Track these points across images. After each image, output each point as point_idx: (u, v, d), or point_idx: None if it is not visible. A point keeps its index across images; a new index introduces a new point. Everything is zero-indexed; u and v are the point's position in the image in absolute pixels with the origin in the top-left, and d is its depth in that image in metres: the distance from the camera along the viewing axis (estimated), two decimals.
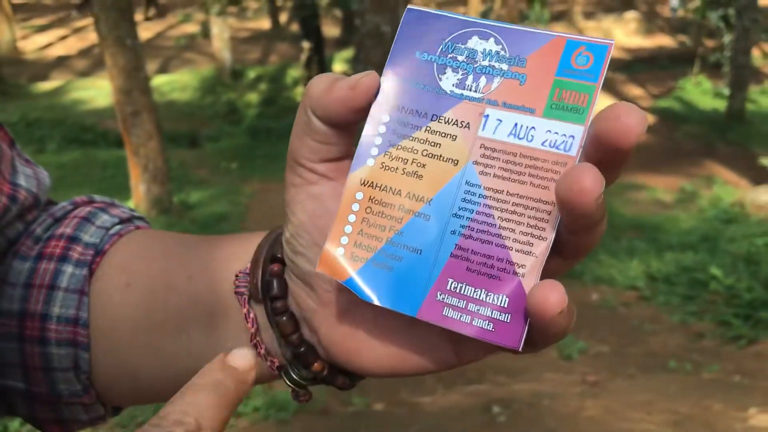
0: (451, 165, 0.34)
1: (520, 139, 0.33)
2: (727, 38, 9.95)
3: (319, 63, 10.19)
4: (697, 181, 6.79)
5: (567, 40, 0.33)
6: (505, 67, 0.34)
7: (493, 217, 0.33)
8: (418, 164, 0.34)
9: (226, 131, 8.89)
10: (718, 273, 4.06)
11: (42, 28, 15.67)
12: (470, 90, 0.34)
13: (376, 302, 0.34)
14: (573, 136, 0.32)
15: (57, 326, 0.47)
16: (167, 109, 9.29)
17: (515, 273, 0.32)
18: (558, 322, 0.31)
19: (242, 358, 0.32)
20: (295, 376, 0.41)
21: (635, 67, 11.94)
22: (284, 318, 0.39)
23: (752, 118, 8.72)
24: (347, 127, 0.35)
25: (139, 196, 5.42)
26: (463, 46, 0.34)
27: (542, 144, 0.32)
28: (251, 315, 0.41)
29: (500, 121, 0.33)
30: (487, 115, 0.33)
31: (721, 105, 9.26)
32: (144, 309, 0.46)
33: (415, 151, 0.34)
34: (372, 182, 0.34)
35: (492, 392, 3.02)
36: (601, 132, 0.30)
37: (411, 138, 0.34)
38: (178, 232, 0.53)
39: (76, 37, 14.76)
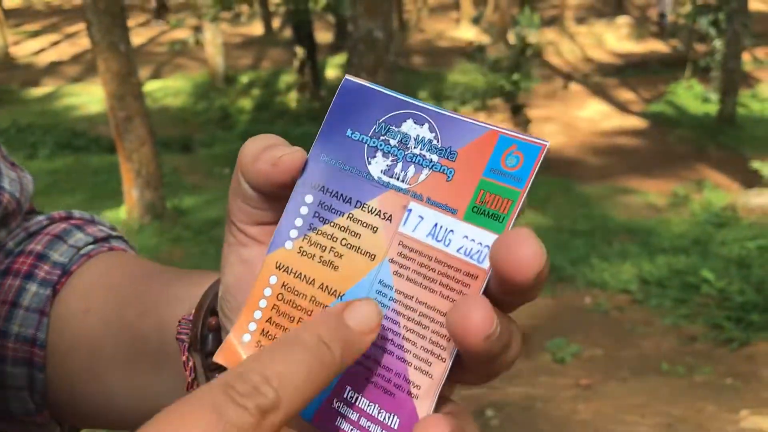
0: (368, 259, 0.32)
1: (438, 241, 0.31)
2: (717, 43, 10.01)
3: (312, 68, 10.20)
4: (689, 184, 6.82)
5: (500, 136, 0.31)
6: (435, 158, 0.32)
7: (399, 326, 0.31)
8: (336, 254, 0.32)
9: (219, 136, 8.89)
10: (710, 276, 4.08)
11: (34, 34, 15.63)
12: (398, 179, 0.32)
13: None
14: (488, 246, 0.30)
15: (14, 344, 0.47)
16: (160, 115, 9.28)
17: (410, 393, 0.30)
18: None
19: (364, 314, 0.28)
20: None
21: (627, 71, 12.00)
22: (217, 374, 0.39)
23: (743, 122, 8.77)
24: (276, 197, 0.34)
25: (132, 202, 5.40)
26: (396, 129, 0.33)
27: (458, 251, 0.31)
28: (190, 363, 0.40)
29: (421, 218, 0.32)
30: (410, 210, 0.32)
31: (712, 109, 9.31)
32: (99, 339, 0.46)
33: (335, 239, 0.33)
34: (287, 267, 0.33)
35: (485, 396, 3.03)
36: (497, 262, 0.28)
37: (332, 224, 0.33)
38: (145, 258, 0.53)
39: (68, 43, 14.73)
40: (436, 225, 0.31)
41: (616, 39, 14.40)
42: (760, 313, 3.69)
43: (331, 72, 11.79)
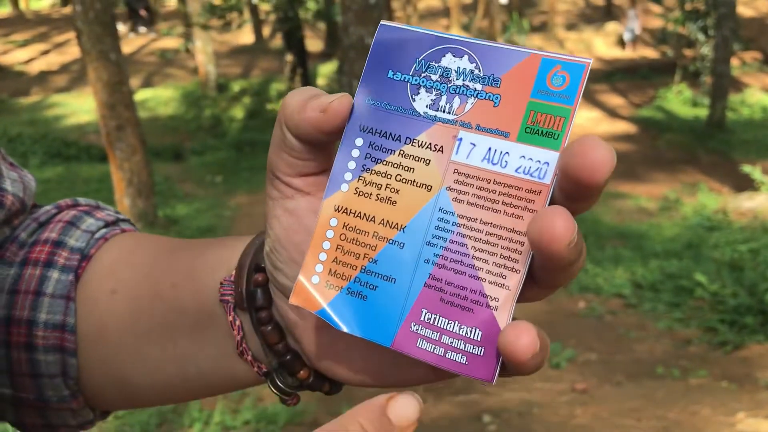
0: (424, 191, 0.33)
1: (494, 164, 0.32)
2: (706, 48, 10.09)
3: (303, 76, 10.21)
4: (680, 189, 6.86)
5: (542, 59, 0.32)
6: (479, 87, 0.33)
7: (467, 247, 0.32)
8: (392, 190, 0.33)
9: (211, 145, 8.87)
10: (703, 280, 4.09)
11: (23, 43, 15.57)
12: (444, 111, 0.33)
13: (349, 332, 0.33)
14: (548, 163, 0.31)
15: (44, 332, 0.46)
16: (151, 124, 9.25)
17: (488, 306, 0.31)
18: (529, 364, 0.30)
19: (406, 408, 0.28)
20: (280, 384, 0.41)
21: (616, 77, 12.07)
22: (269, 328, 0.39)
23: (733, 127, 8.83)
24: (322, 145, 0.34)
25: (123, 211, 5.38)
26: (437, 65, 0.33)
27: (516, 171, 0.31)
28: (237, 323, 0.41)
29: (474, 145, 0.32)
30: (461, 139, 0.32)
31: (702, 114, 9.37)
32: (130, 316, 0.46)
33: (389, 176, 0.33)
34: (346, 208, 0.34)
35: (482, 402, 3.02)
36: (569, 168, 0.29)
37: (385, 162, 0.33)
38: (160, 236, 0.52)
39: (58, 52, 14.68)
40: (490, 149, 0.32)
41: (605, 45, 14.49)
42: (753, 315, 3.70)
43: (322, 80, 11.80)
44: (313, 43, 13.64)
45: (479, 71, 0.33)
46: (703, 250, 4.89)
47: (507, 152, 0.32)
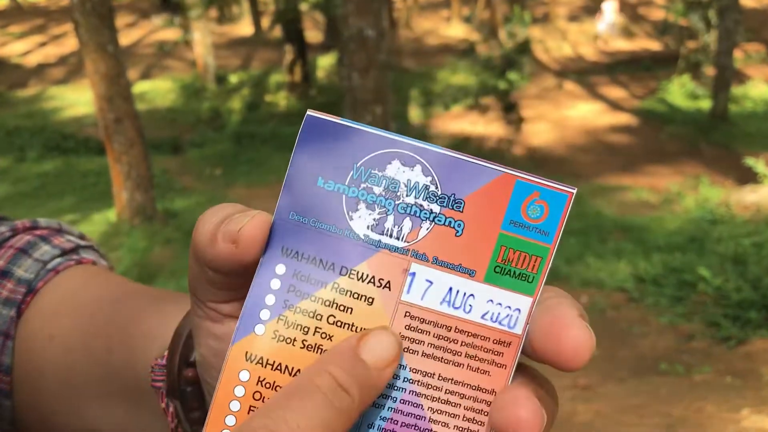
0: None
1: (455, 308, 0.27)
2: (707, 39, 10.03)
3: (303, 67, 10.16)
4: (683, 181, 6.82)
5: (516, 181, 0.27)
6: (436, 209, 0.27)
7: (422, 408, 0.27)
8: (323, 335, 0.27)
9: (210, 137, 8.82)
10: (706, 274, 4.06)
11: (20, 35, 15.51)
12: (391, 236, 0.27)
13: None
14: (519, 310, 0.27)
15: None
16: (149, 116, 9.20)
17: None
18: None
19: (382, 346, 0.25)
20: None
21: (618, 69, 12.02)
22: (201, 428, 0.36)
23: (735, 119, 8.79)
24: (246, 275, 0.29)
25: (121, 204, 5.34)
26: (380, 174, 0.27)
27: (482, 317, 0.27)
28: (170, 409, 0.37)
29: (430, 282, 0.27)
30: (414, 273, 0.27)
31: (704, 106, 9.33)
32: (66, 368, 0.43)
33: (319, 317, 0.27)
34: (261, 358, 0.27)
35: None
36: (541, 352, 0.26)
37: (313, 298, 0.27)
38: (114, 274, 0.49)
39: (55, 44, 14.62)
40: (451, 290, 0.27)
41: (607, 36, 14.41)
42: (757, 310, 3.67)
43: (322, 72, 11.75)
44: (313, 35, 13.58)
45: (436, 188, 0.27)
46: (706, 244, 4.85)
47: (472, 294, 0.27)
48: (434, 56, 13.12)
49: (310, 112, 0.27)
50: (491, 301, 0.27)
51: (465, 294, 0.27)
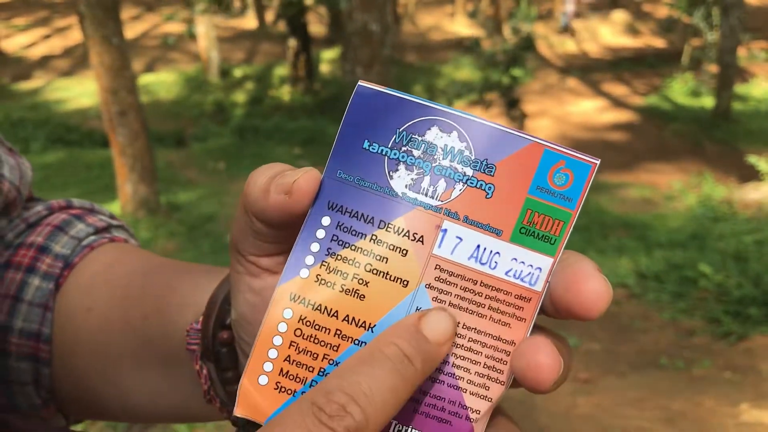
0: (399, 286, 0.29)
1: (482, 264, 0.29)
2: (710, 37, 10.02)
3: (306, 61, 10.16)
4: (686, 179, 6.82)
5: (545, 150, 0.29)
6: (469, 171, 0.29)
7: (447, 354, 0.29)
8: (360, 281, 0.29)
9: (213, 131, 8.84)
10: (707, 270, 4.08)
11: (25, 28, 15.52)
12: (426, 195, 0.29)
13: None
14: (540, 269, 0.29)
15: (18, 339, 0.46)
16: (153, 109, 9.22)
17: (468, 418, 0.29)
18: None
19: (440, 324, 0.28)
20: (252, 429, 0.40)
21: (622, 66, 12.00)
22: (235, 387, 0.38)
23: (738, 117, 8.78)
24: (292, 227, 0.31)
25: (125, 197, 5.36)
26: (420, 139, 0.29)
27: (506, 273, 0.29)
28: (204, 372, 0.39)
29: (460, 239, 0.29)
30: (445, 230, 0.29)
31: (707, 104, 9.32)
32: (102, 339, 0.45)
33: (358, 265, 0.29)
34: (303, 299, 0.30)
35: None
36: (562, 302, 0.28)
37: (353, 247, 0.30)
38: (147, 250, 0.51)
39: (59, 37, 14.63)
40: (479, 247, 0.29)
41: (611, 33, 14.40)
42: (758, 306, 3.68)
43: (325, 66, 11.74)
44: (317, 29, 13.58)
45: (470, 153, 0.29)
46: (708, 241, 4.86)
47: (498, 252, 0.29)
48: (438, 52, 13.11)
49: (360, 82, 0.30)
50: (515, 259, 0.29)
51: (491, 251, 0.29)
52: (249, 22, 15.86)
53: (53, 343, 0.46)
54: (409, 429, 0.29)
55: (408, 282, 0.29)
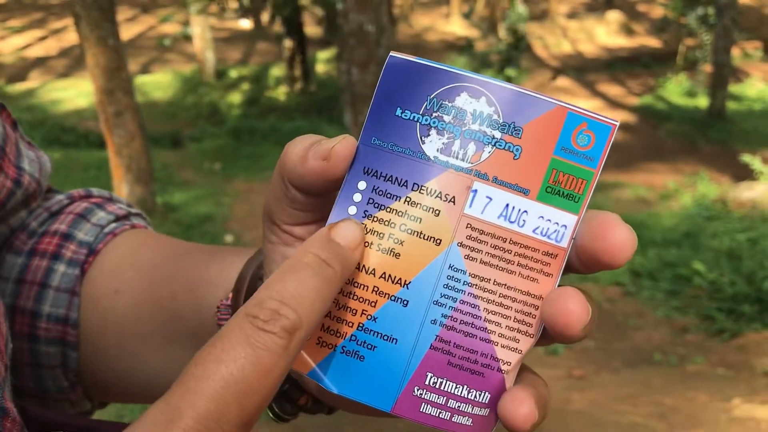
0: (432, 245, 0.31)
1: (511, 222, 0.30)
2: (705, 37, 10.05)
3: (302, 62, 10.16)
4: (680, 178, 6.85)
5: (568, 113, 0.30)
6: (497, 134, 0.30)
7: (479, 309, 0.30)
8: (396, 240, 0.31)
9: (209, 132, 8.84)
10: (701, 268, 4.10)
11: (20, 29, 15.50)
12: (457, 158, 0.31)
13: (342, 394, 0.31)
14: (565, 226, 0.30)
15: (47, 324, 0.47)
16: (149, 110, 9.21)
17: (500, 370, 0.31)
18: (528, 428, 0.30)
19: (349, 231, 0.29)
20: (278, 410, 0.41)
21: (617, 66, 12.04)
22: None
23: (733, 117, 8.82)
24: (326, 193, 0.33)
25: (122, 197, 5.37)
26: (450, 105, 0.31)
27: (533, 231, 0.30)
28: None
29: (490, 199, 0.30)
30: (476, 191, 0.30)
31: (701, 103, 9.35)
32: (131, 319, 0.46)
33: (393, 225, 0.31)
34: None
35: None
36: (589, 250, 0.29)
37: (389, 209, 0.31)
38: (167, 234, 0.53)
39: (55, 38, 14.61)
40: (507, 206, 0.30)
41: (606, 34, 14.44)
42: (751, 304, 3.71)
43: (321, 66, 11.75)
44: (313, 30, 13.59)
45: (498, 117, 0.30)
46: (702, 239, 4.89)
47: (525, 211, 0.30)
48: (433, 52, 13.13)
49: (392, 53, 0.32)
50: (542, 217, 0.30)
51: (519, 210, 0.30)
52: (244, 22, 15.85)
53: (80, 328, 0.47)
54: (444, 381, 0.31)
55: (441, 240, 0.31)
